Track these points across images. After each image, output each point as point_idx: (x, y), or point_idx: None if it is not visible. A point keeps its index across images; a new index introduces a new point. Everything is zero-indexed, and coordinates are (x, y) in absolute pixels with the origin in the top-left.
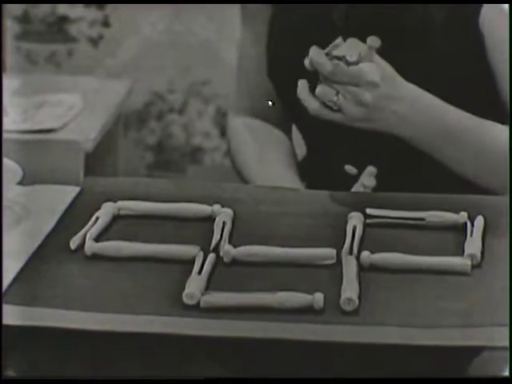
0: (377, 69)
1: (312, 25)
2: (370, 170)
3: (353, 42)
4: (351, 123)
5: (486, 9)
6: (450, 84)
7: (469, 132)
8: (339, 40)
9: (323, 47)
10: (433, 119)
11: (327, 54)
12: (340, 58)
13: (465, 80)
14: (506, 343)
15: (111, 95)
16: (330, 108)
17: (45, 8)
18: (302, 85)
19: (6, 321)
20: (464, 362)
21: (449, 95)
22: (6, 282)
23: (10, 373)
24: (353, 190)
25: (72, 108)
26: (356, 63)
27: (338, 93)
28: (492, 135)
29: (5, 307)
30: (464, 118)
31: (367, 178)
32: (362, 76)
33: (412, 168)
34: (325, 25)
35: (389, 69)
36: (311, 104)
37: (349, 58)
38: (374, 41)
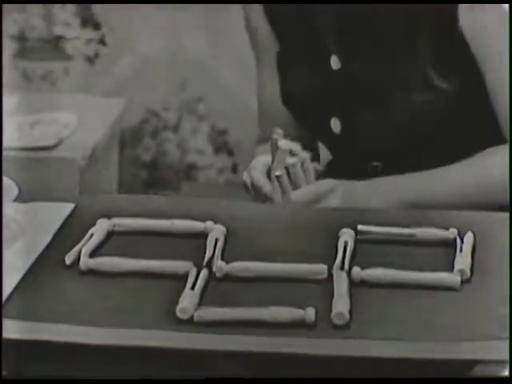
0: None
1: (309, 50)
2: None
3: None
4: None
5: (463, 15)
6: (441, 99)
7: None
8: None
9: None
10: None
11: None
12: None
13: (456, 89)
14: (496, 357)
15: (107, 113)
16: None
17: (41, 27)
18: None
19: (3, 335)
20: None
21: (441, 113)
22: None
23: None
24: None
25: (67, 126)
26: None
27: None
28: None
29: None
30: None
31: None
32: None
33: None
34: (319, 46)
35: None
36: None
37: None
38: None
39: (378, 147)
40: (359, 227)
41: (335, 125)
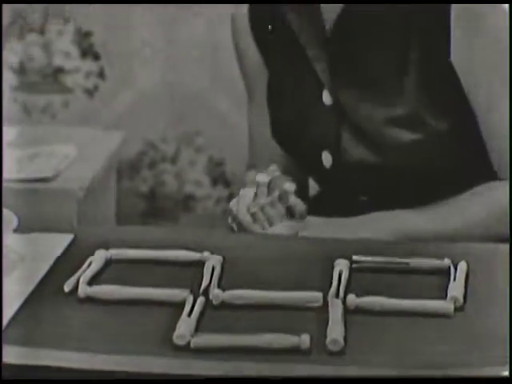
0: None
1: (300, 84)
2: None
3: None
4: None
5: (454, 50)
6: (430, 133)
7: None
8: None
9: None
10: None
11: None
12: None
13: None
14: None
15: (105, 145)
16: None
17: (41, 57)
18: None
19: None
20: None
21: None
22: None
23: None
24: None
25: (66, 157)
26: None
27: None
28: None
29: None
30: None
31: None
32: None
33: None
34: (311, 81)
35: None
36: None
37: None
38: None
39: (368, 182)
40: (354, 257)
41: (326, 159)
